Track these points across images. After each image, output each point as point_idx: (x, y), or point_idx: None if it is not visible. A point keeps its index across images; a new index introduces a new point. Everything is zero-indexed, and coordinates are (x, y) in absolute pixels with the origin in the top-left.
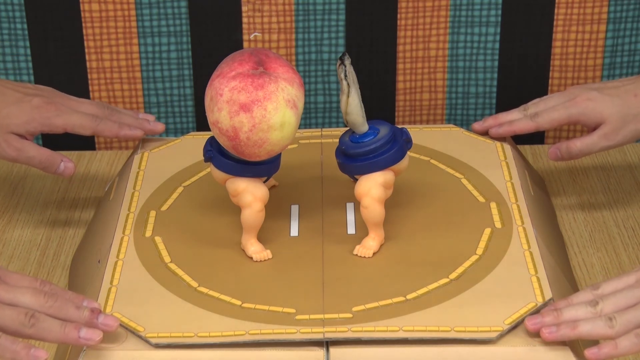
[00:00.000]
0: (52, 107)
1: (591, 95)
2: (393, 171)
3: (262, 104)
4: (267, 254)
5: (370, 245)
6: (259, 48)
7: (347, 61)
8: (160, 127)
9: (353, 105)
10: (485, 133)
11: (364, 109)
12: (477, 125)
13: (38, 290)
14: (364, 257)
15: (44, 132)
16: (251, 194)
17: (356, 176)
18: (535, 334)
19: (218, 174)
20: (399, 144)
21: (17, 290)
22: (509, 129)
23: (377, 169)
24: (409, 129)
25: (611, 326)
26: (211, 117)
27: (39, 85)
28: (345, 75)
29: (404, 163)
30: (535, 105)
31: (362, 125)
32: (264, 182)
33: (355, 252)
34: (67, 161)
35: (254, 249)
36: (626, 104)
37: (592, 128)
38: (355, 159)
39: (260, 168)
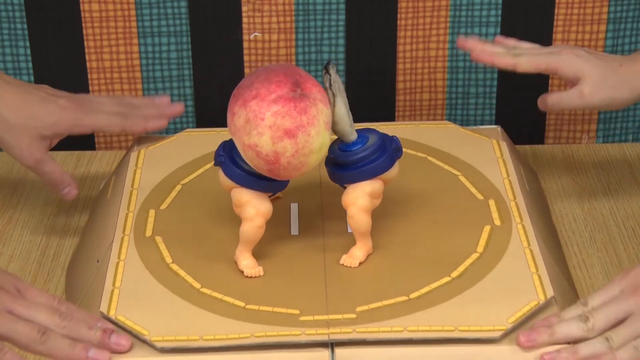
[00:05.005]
0: (80, 108)
1: (578, 52)
2: (382, 180)
3: (306, 130)
4: (259, 270)
5: (356, 255)
6: (289, 66)
7: (332, 70)
8: (179, 108)
9: (340, 114)
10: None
11: (351, 117)
12: (460, 41)
13: (54, 309)
14: (350, 267)
15: (72, 134)
16: (255, 207)
17: (345, 185)
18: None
19: (225, 181)
20: (388, 153)
21: (34, 307)
22: (490, 60)
23: (365, 177)
24: (404, 125)
25: (609, 347)
26: (247, 139)
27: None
28: (330, 85)
29: (393, 172)
30: (522, 47)
31: (350, 134)
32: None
33: (341, 261)
34: (72, 187)
35: (247, 263)
36: (609, 68)
37: (570, 82)
38: (343, 167)
39: (269, 184)
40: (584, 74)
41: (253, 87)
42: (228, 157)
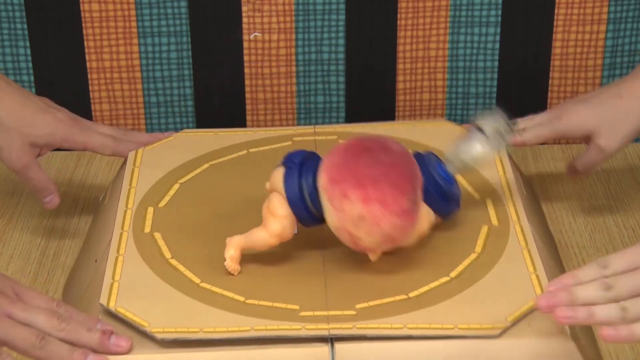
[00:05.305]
0: (76, 124)
1: (576, 109)
2: (429, 220)
3: (407, 235)
4: (237, 268)
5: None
6: (413, 165)
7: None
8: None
9: (484, 154)
10: None
11: None
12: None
13: (53, 311)
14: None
15: (62, 147)
16: (282, 227)
17: None
18: (537, 329)
19: (277, 183)
20: (451, 208)
21: (32, 311)
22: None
23: (430, 205)
24: (401, 124)
25: (624, 317)
26: (352, 229)
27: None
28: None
29: (434, 221)
30: (524, 122)
31: (461, 170)
32: None
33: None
34: (55, 195)
35: (232, 254)
36: (612, 109)
37: (583, 140)
38: (440, 194)
39: (309, 221)
40: (592, 131)
41: (379, 187)
42: (298, 167)
